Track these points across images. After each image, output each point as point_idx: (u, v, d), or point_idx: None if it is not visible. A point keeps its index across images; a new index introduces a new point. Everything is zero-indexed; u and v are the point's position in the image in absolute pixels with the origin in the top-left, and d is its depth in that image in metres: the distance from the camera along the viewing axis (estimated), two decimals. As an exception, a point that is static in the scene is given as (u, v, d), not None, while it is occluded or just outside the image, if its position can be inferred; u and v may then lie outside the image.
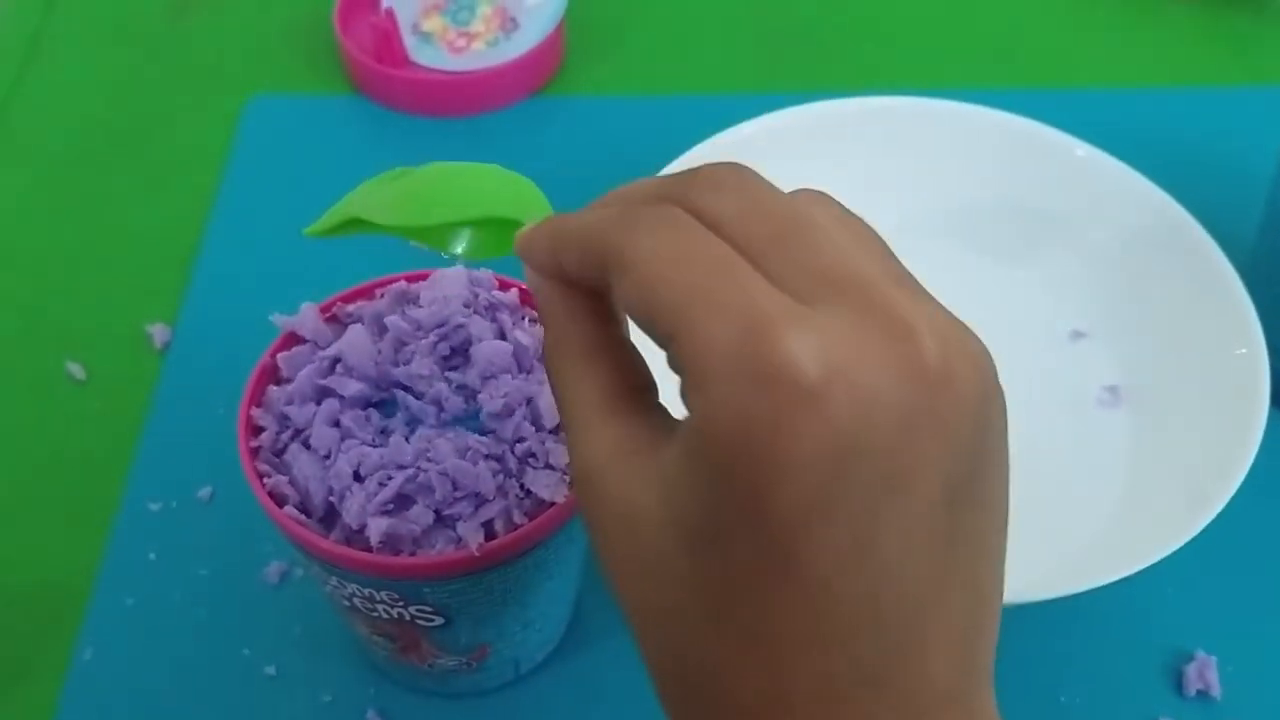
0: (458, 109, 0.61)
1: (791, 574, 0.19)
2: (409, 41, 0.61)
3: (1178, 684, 0.41)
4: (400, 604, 0.34)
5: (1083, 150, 0.49)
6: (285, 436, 0.35)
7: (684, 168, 0.46)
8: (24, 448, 0.48)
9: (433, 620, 0.35)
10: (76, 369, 0.50)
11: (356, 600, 0.34)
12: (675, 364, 0.20)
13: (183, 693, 0.41)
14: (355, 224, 0.31)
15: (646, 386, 0.24)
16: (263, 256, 0.54)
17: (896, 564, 0.19)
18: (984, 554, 0.21)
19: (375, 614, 0.35)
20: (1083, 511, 0.42)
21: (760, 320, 0.19)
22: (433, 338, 0.36)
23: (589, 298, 0.24)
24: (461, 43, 0.62)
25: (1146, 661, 0.42)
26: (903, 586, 0.19)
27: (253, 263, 0.54)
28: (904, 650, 0.20)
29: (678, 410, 0.21)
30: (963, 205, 0.51)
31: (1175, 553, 0.38)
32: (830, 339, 0.19)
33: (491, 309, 0.37)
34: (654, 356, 0.23)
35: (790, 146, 0.51)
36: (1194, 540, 0.38)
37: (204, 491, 0.46)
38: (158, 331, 0.51)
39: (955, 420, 0.19)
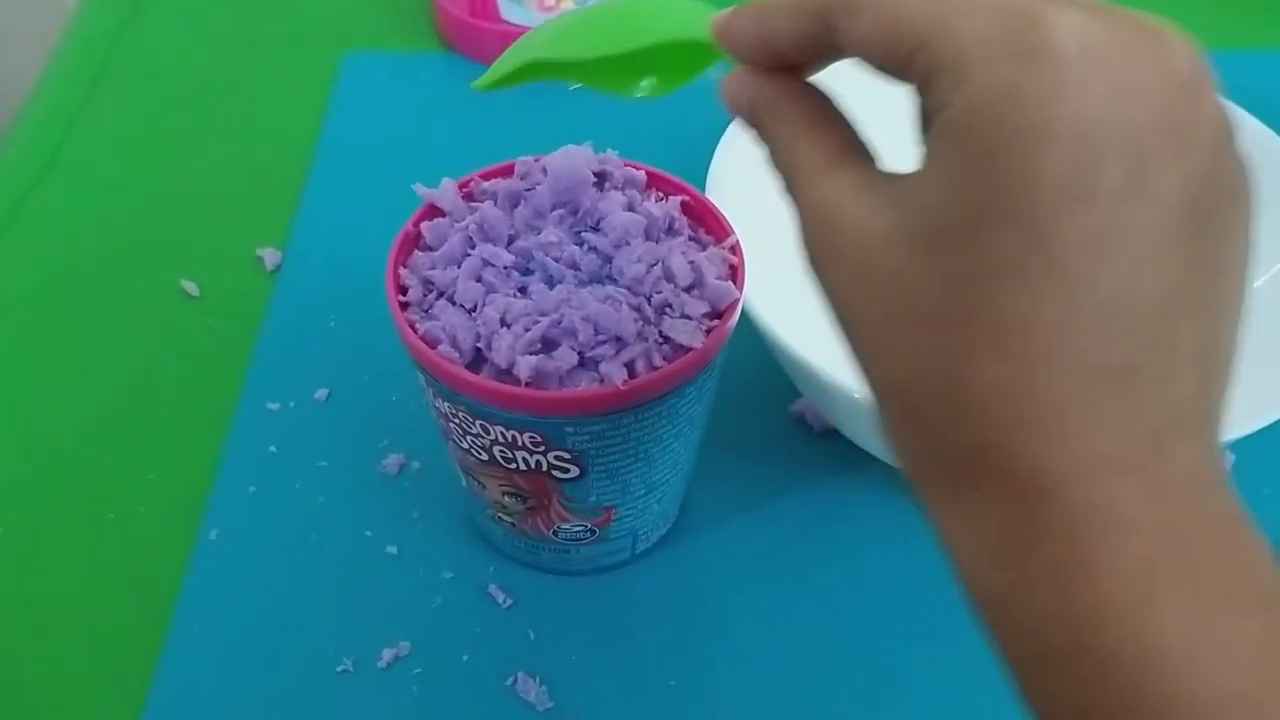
0: (546, 64, 0.64)
1: (1047, 260, 0.19)
2: (500, 2, 0.64)
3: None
4: (541, 449, 0.35)
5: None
6: (430, 297, 0.37)
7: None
8: (143, 355, 0.50)
9: (568, 471, 0.36)
10: (191, 286, 0.52)
11: (497, 450, 0.36)
12: (926, 73, 0.20)
13: (307, 569, 0.42)
14: (529, 71, 0.32)
15: (868, 153, 0.24)
16: (363, 194, 0.56)
17: (1147, 263, 0.19)
18: (1223, 296, 0.20)
19: (513, 465, 0.36)
20: None
21: (1017, 6, 0.19)
22: (563, 211, 0.38)
23: (796, 78, 0.25)
24: (551, 2, 0.64)
25: None
26: (1151, 289, 0.19)
27: (354, 198, 0.56)
28: (1155, 352, 0.20)
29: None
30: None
31: None
32: (1087, 25, 0.19)
33: (620, 186, 0.39)
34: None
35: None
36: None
37: (321, 393, 0.48)
38: (268, 255, 0.53)
39: (1203, 138, 0.19)
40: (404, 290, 0.37)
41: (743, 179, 0.46)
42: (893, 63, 0.21)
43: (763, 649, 0.41)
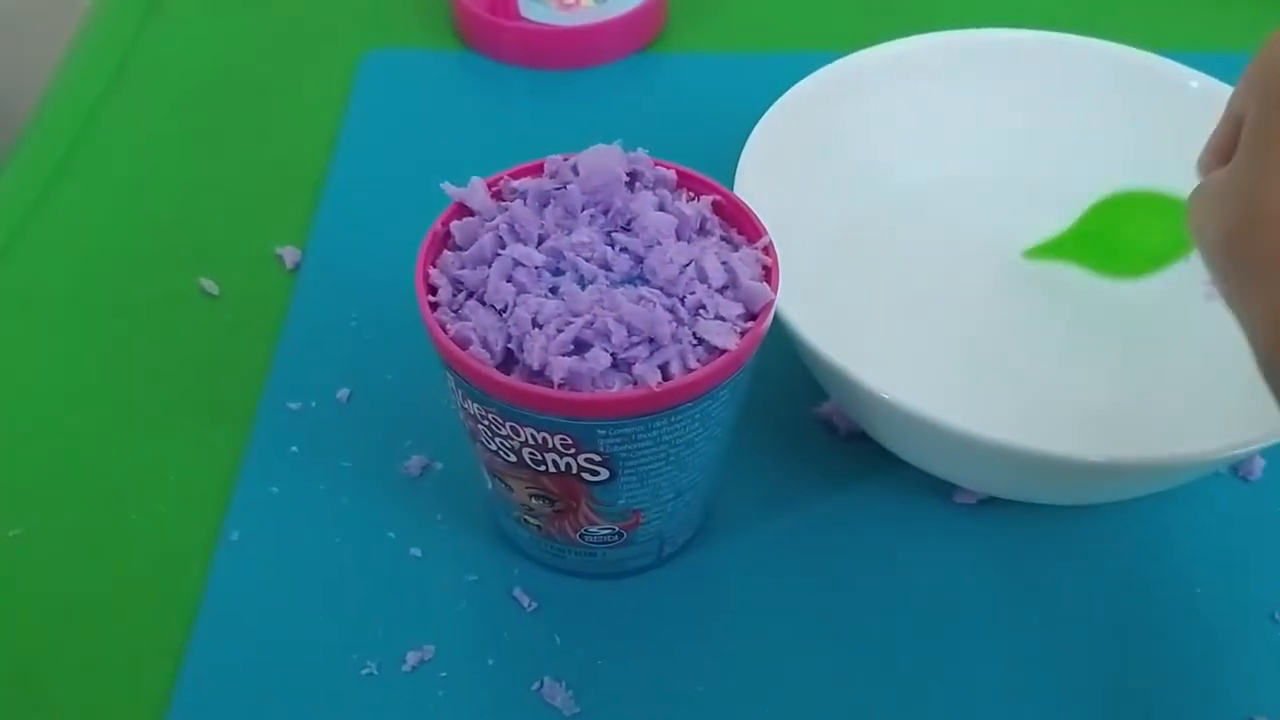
0: (565, 62, 0.63)
1: None
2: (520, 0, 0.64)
3: (1310, 577, 0.42)
4: (571, 451, 0.35)
5: (1197, 82, 0.50)
6: (460, 298, 0.36)
7: (780, 114, 0.48)
8: (163, 354, 0.49)
9: (598, 474, 0.36)
10: (210, 285, 0.52)
11: (526, 452, 0.36)
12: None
13: (330, 571, 0.42)
14: (1070, 246, 0.50)
15: None
16: (383, 192, 0.56)
17: None
18: None
19: (542, 467, 0.36)
20: (1218, 391, 0.43)
21: None
22: (594, 210, 0.37)
23: None
24: (571, 0, 0.64)
25: (1278, 555, 0.43)
26: None
27: (375, 197, 0.56)
28: None
29: None
30: (1074, 138, 0.53)
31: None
32: None
33: (651, 186, 0.39)
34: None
35: (898, 81, 0.52)
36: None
37: (342, 393, 0.47)
38: (288, 253, 0.53)
39: None
40: (433, 290, 0.37)
41: (768, 179, 0.46)
42: None
43: (790, 653, 0.40)
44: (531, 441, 0.35)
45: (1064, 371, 0.47)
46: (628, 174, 0.38)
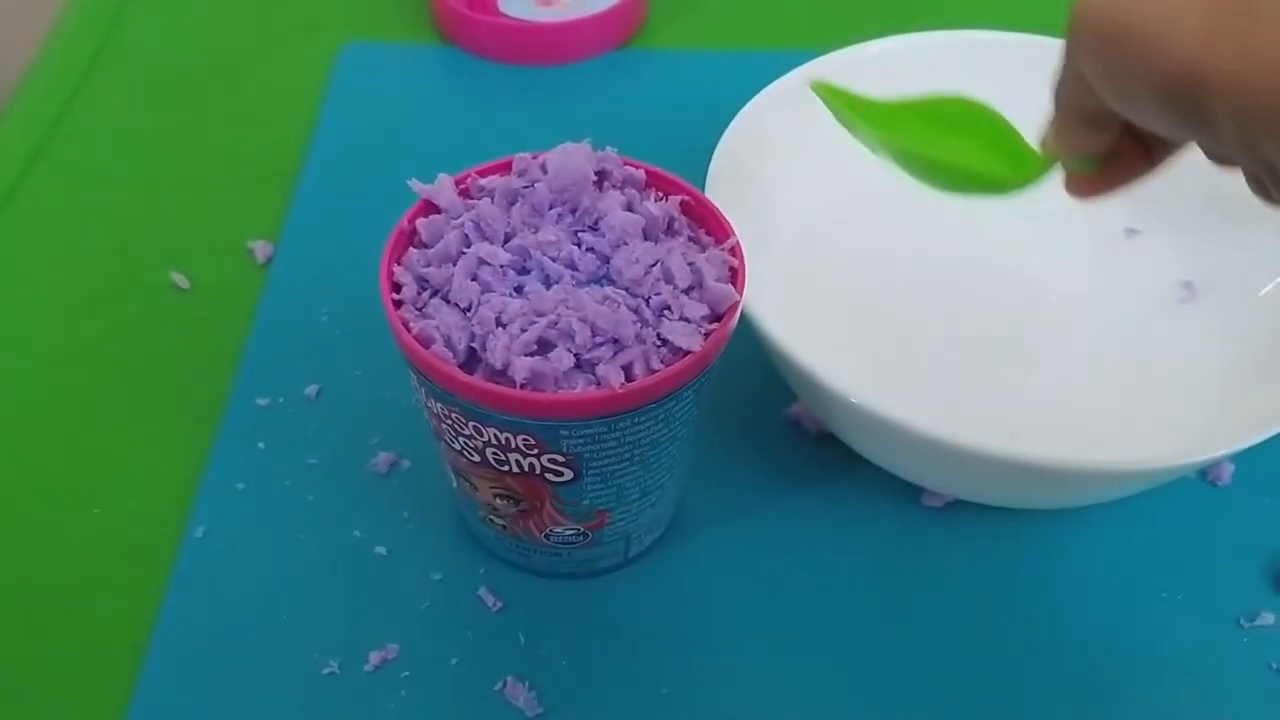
0: (543, 58, 0.63)
1: None
2: (498, -5, 0.63)
3: (1276, 582, 0.42)
4: (534, 452, 0.35)
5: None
6: (425, 295, 0.36)
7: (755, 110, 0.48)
8: (131, 349, 0.49)
9: (561, 474, 0.36)
10: (180, 279, 0.51)
11: (489, 451, 0.35)
12: None
13: (294, 569, 0.42)
14: (854, 108, 0.40)
15: None
16: (357, 186, 0.56)
17: None
18: None
19: (505, 467, 0.36)
20: (1189, 396, 0.43)
21: None
22: (562, 209, 0.37)
23: None
24: (549, -4, 0.64)
25: (1246, 560, 0.43)
26: None
27: (349, 191, 0.56)
28: None
29: None
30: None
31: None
32: None
33: (619, 185, 0.38)
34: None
35: (874, 81, 0.52)
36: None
37: (311, 389, 0.47)
38: (259, 247, 0.53)
39: None
40: (398, 288, 0.36)
41: (742, 179, 0.46)
42: None
43: (756, 654, 0.40)
44: (494, 441, 0.35)
45: (1034, 376, 0.47)
46: (596, 173, 0.38)
